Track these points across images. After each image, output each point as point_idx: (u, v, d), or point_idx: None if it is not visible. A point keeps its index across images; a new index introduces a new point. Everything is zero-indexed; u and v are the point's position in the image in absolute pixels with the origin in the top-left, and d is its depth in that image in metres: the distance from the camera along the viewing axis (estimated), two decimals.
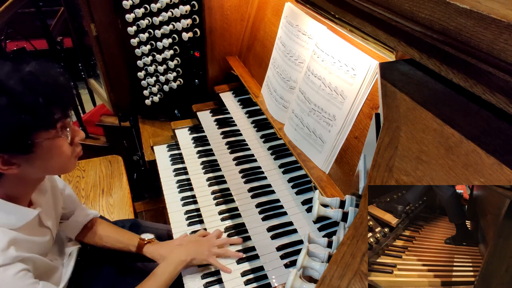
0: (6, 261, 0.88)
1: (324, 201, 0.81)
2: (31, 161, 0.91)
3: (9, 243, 0.91)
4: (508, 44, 0.48)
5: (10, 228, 0.94)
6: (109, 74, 1.97)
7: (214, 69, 1.89)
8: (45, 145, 0.90)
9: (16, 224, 0.96)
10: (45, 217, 1.10)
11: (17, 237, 0.94)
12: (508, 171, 0.51)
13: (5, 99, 0.82)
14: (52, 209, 1.17)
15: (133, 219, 1.69)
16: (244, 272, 1.22)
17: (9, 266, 0.89)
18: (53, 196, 1.19)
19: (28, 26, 3.43)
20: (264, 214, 1.34)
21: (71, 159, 1.00)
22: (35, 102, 0.86)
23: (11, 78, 0.84)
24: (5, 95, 0.83)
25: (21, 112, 0.84)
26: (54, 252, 1.23)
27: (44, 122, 0.89)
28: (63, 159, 0.97)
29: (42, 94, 0.87)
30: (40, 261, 1.03)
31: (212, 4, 1.65)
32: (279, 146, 1.54)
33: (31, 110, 0.85)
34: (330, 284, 0.48)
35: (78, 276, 1.30)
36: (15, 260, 0.90)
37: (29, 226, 1.01)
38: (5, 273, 0.88)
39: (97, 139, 2.75)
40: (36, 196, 1.08)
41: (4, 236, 0.91)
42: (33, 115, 0.86)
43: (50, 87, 0.90)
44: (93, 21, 1.78)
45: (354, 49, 1.08)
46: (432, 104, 0.64)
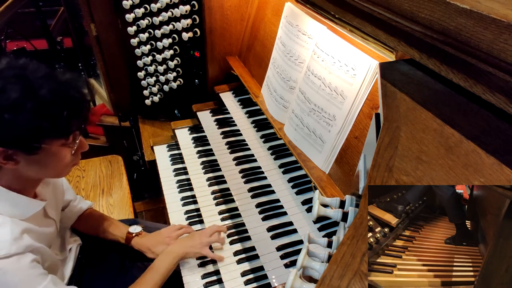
0: (20, 250, 0.90)
1: (324, 201, 0.81)
2: (31, 161, 0.92)
3: (21, 232, 0.93)
4: (508, 44, 0.48)
5: (20, 219, 0.96)
6: (109, 74, 1.97)
7: (214, 69, 1.89)
8: (51, 151, 0.92)
9: (24, 215, 0.98)
10: (49, 208, 1.12)
11: (28, 227, 0.97)
12: (508, 171, 0.51)
13: (31, 103, 0.84)
14: (54, 200, 1.19)
15: (133, 219, 1.70)
16: (244, 272, 1.22)
17: (22, 255, 0.91)
18: (54, 187, 1.21)
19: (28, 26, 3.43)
20: (264, 214, 1.34)
21: (67, 167, 1.02)
22: (59, 114, 0.88)
23: (43, 85, 0.86)
24: (33, 100, 0.84)
25: (43, 118, 0.86)
26: (56, 247, 1.24)
27: (61, 132, 0.92)
28: (60, 166, 0.99)
29: (68, 108, 0.90)
30: (47, 254, 1.05)
31: (212, 4, 1.65)
32: (279, 146, 1.54)
33: (52, 120, 0.88)
34: (330, 284, 0.48)
35: (79, 274, 1.32)
36: (27, 249, 0.93)
37: (36, 217, 1.03)
38: (19, 262, 0.90)
39: (97, 139, 2.75)
40: (40, 189, 1.10)
41: (16, 226, 0.93)
42: (53, 124, 0.88)
43: (77, 103, 0.93)
44: (93, 21, 1.78)
45: (354, 49, 1.08)
46: (432, 104, 0.64)
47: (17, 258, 0.90)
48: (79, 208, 1.40)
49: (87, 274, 1.35)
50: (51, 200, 1.15)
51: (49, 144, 0.90)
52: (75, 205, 1.39)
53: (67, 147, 0.96)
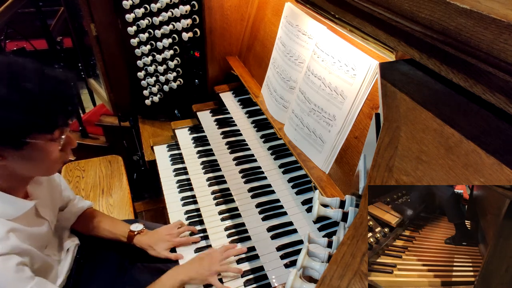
0: (4, 250, 0.89)
1: (324, 201, 0.81)
2: (18, 157, 0.91)
3: (7, 232, 0.92)
4: (508, 44, 0.48)
5: (7, 219, 0.95)
6: (109, 74, 1.97)
7: (214, 69, 1.89)
8: (37, 146, 0.92)
9: (13, 215, 0.97)
10: (42, 208, 1.11)
11: (14, 227, 0.95)
12: (508, 171, 0.51)
13: (17, 97, 0.83)
14: (49, 200, 1.18)
15: (133, 219, 1.70)
16: (244, 272, 1.22)
17: (7, 257, 0.90)
18: (49, 187, 1.20)
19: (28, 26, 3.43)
20: (264, 214, 1.34)
21: (56, 164, 1.01)
22: (47, 108, 0.88)
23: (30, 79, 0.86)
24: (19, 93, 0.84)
25: (30, 112, 0.85)
26: (53, 247, 1.24)
27: (47, 126, 0.91)
28: (48, 163, 0.98)
29: (56, 103, 0.89)
30: (37, 255, 1.03)
31: (212, 4, 1.65)
32: (279, 146, 1.54)
33: (40, 114, 0.87)
34: (330, 284, 0.48)
35: (77, 274, 1.31)
36: (13, 250, 0.91)
37: (26, 217, 1.02)
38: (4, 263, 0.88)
39: (97, 139, 2.75)
40: (32, 188, 1.09)
41: (2, 226, 0.92)
42: (40, 118, 0.87)
43: (66, 98, 0.93)
44: (93, 21, 1.78)
45: (354, 49, 1.08)
46: (432, 104, 0.64)
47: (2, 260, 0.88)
48: (79, 208, 1.39)
49: (85, 274, 1.35)
50: (44, 200, 1.14)
51: (36, 139, 0.90)
52: (74, 205, 1.38)
53: (54, 143, 0.95)
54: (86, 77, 2.45)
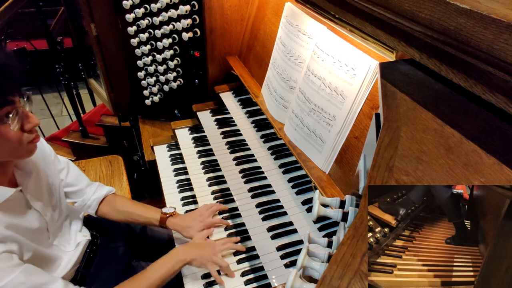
0: None
1: (324, 201, 0.81)
2: None
3: None
4: (508, 44, 0.48)
5: None
6: (109, 74, 1.97)
7: (214, 69, 1.89)
8: None
9: None
10: (32, 198, 1.10)
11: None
12: (508, 171, 0.51)
13: None
14: (43, 191, 1.17)
15: None
16: (244, 272, 1.22)
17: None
18: (43, 178, 1.19)
19: (28, 26, 3.43)
20: (264, 214, 1.34)
21: (22, 146, 0.97)
22: None
23: None
24: None
25: None
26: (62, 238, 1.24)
27: None
28: (11, 145, 0.95)
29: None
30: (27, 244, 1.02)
31: (212, 4, 1.65)
32: (279, 146, 1.54)
33: None
34: (330, 284, 0.48)
35: (85, 268, 1.32)
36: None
37: (11, 206, 1.01)
38: None
39: (97, 139, 2.75)
40: (20, 178, 1.08)
41: None
42: None
43: (5, 74, 0.88)
44: (93, 21, 1.78)
45: (354, 49, 1.08)
46: (432, 104, 0.64)
47: None
48: (99, 195, 1.39)
49: (93, 270, 1.36)
50: (36, 190, 1.13)
51: None
52: (92, 191, 1.38)
53: (4, 124, 0.91)
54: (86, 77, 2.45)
